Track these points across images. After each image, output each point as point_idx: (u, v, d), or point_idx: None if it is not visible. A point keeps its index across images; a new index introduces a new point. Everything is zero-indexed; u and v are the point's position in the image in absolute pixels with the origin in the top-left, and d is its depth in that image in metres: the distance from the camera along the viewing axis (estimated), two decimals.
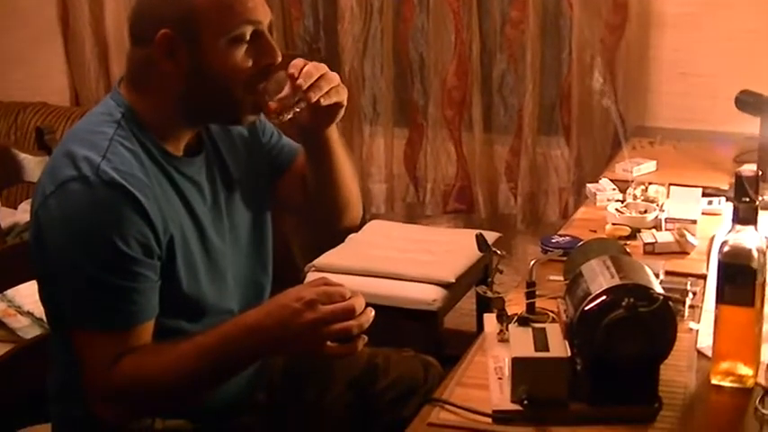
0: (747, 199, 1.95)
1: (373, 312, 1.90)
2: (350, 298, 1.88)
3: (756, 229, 1.95)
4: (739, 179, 1.96)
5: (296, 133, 2.33)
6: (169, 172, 2.09)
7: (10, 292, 3.27)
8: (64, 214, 1.95)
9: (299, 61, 2.12)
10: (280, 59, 2.09)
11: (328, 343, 1.88)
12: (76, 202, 1.94)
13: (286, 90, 2.12)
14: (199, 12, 2.00)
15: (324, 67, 2.14)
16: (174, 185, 2.10)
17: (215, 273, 2.18)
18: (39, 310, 3.32)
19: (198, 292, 2.13)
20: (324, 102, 2.12)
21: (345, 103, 2.21)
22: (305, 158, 2.37)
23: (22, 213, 4.22)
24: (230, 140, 2.30)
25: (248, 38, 2.04)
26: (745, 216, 1.96)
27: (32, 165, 2.75)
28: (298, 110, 2.12)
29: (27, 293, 3.21)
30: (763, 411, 1.87)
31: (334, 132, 2.30)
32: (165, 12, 2.02)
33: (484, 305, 3.59)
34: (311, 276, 3.68)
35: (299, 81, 2.08)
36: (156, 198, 2.01)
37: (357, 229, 4.09)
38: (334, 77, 2.16)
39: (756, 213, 1.96)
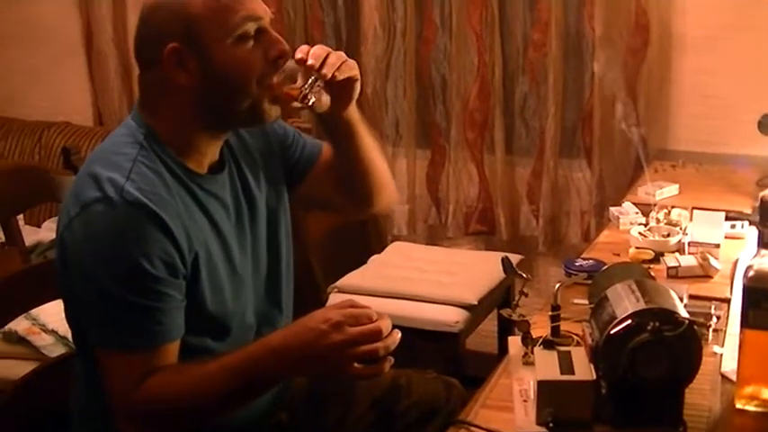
0: None
1: (399, 334, 1.91)
2: (376, 320, 1.89)
3: None
4: (764, 204, 1.96)
5: (319, 123, 2.34)
6: (193, 190, 2.10)
7: (34, 311, 3.27)
8: (89, 235, 1.96)
9: (303, 47, 2.13)
10: (287, 49, 2.10)
11: (355, 364, 1.88)
12: (101, 223, 1.95)
13: (300, 76, 2.12)
14: (199, 19, 2.02)
15: (328, 48, 2.15)
16: (198, 203, 2.11)
17: (239, 289, 2.19)
18: (63, 329, 3.34)
19: (223, 310, 2.13)
20: (338, 76, 2.13)
21: (359, 77, 2.22)
22: (332, 148, 2.39)
23: (46, 232, 4.24)
24: (250, 155, 2.30)
25: (253, 34, 2.05)
26: None
27: (67, 185, 2.76)
28: (317, 89, 2.12)
29: (51, 312, 3.22)
30: None
31: (355, 112, 2.30)
32: (167, 28, 2.03)
33: (505, 327, 3.60)
34: (334, 298, 3.69)
35: (310, 62, 2.09)
36: (181, 216, 2.02)
37: (380, 250, 4.11)
38: (342, 54, 2.17)
39: None
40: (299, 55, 2.11)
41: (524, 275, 2.33)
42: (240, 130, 2.27)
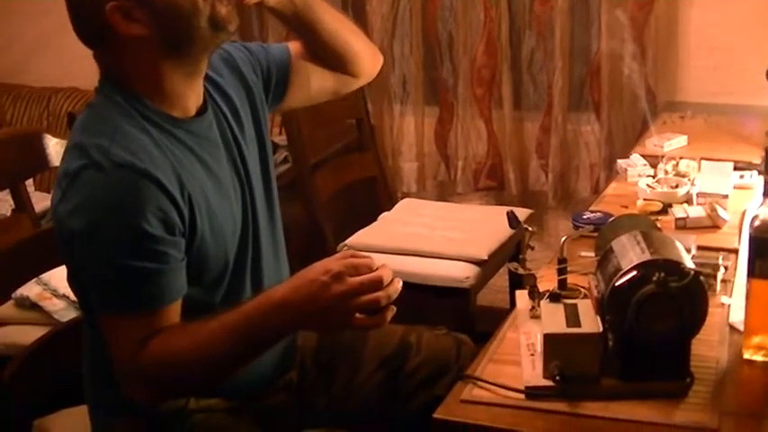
0: None
1: (401, 283, 1.89)
2: (377, 269, 1.88)
3: None
4: None
5: (278, 20, 2.39)
6: (180, 137, 2.09)
7: (45, 276, 3.28)
8: (82, 202, 1.94)
9: None
10: None
11: (357, 315, 1.87)
12: (92, 188, 1.94)
13: None
14: None
15: None
16: (188, 149, 2.09)
17: (236, 229, 2.19)
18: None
19: (227, 255, 2.14)
20: None
21: None
22: (301, 38, 2.43)
23: None
24: (228, 101, 2.28)
25: None
26: None
27: (59, 147, 2.76)
28: None
29: (62, 277, 3.18)
30: None
31: None
32: None
33: (516, 282, 3.60)
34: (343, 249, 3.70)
35: None
36: (173, 167, 2.01)
37: (389, 207, 4.11)
38: None
39: None
40: None
41: (529, 228, 2.33)
42: (210, 73, 2.24)
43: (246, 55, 2.39)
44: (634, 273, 1.86)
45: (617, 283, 1.86)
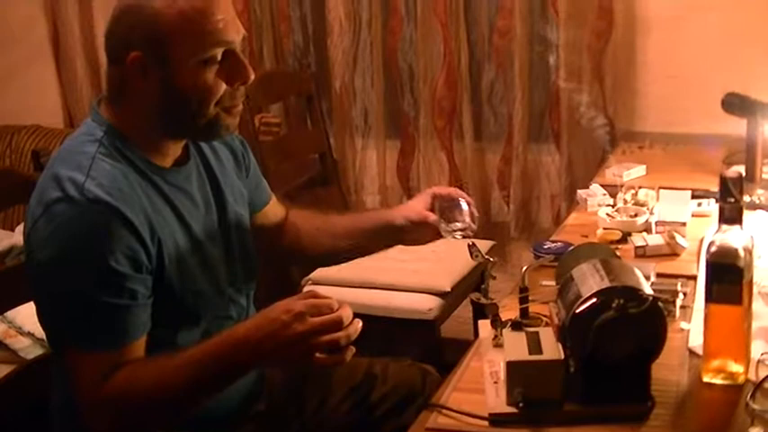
0: (732, 200, 1.98)
1: (360, 323, 1.92)
2: (338, 309, 1.91)
3: (742, 228, 1.99)
4: (724, 181, 1.99)
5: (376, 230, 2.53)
6: (157, 183, 2.12)
7: (10, 314, 3.28)
8: (52, 234, 1.97)
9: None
10: (252, 78, 2.11)
11: (317, 354, 1.89)
12: (63, 222, 1.96)
13: (467, 217, 2.44)
14: (168, 34, 2.01)
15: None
16: (163, 196, 2.12)
17: (210, 278, 2.20)
18: (39, 331, 3.30)
19: (195, 299, 2.15)
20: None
21: None
22: (356, 246, 2.59)
23: (19, 235, 4.20)
24: (216, 153, 2.33)
25: (219, 58, 2.06)
26: (730, 216, 1.99)
27: None
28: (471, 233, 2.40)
29: (27, 314, 3.22)
30: (754, 407, 1.90)
31: None
32: (135, 34, 2.03)
33: (479, 312, 3.62)
34: (308, 290, 3.71)
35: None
36: (144, 210, 2.03)
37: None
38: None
39: (741, 213, 1.99)
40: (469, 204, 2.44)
41: (490, 259, 2.35)
42: None
43: (246, 162, 2.46)
44: (594, 299, 1.88)
45: (577, 310, 1.89)
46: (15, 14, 5.12)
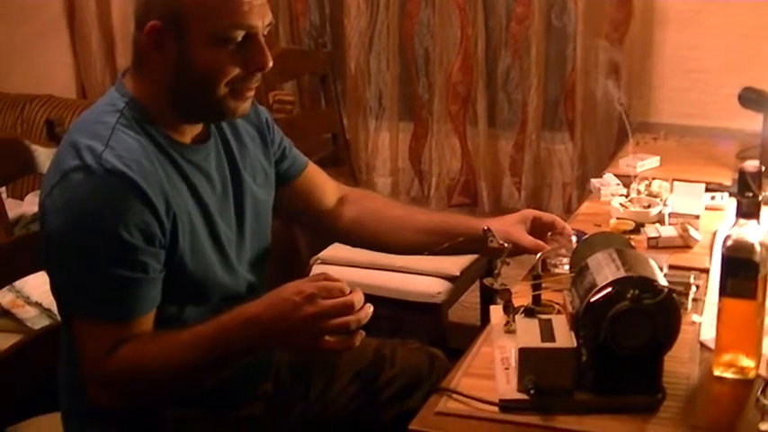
0: (750, 194, 1.97)
1: (372, 308, 1.91)
2: (349, 293, 1.90)
3: (759, 223, 1.98)
4: (743, 174, 1.98)
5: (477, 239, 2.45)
6: (175, 159, 2.11)
7: (18, 283, 3.28)
8: (67, 203, 1.97)
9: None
10: (269, 66, 2.09)
11: (326, 337, 1.89)
12: (79, 190, 1.96)
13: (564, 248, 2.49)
14: (188, 8, 2.00)
15: None
16: (180, 172, 2.11)
17: (224, 258, 2.20)
18: (47, 301, 3.34)
19: (206, 277, 2.15)
20: None
21: None
22: (457, 244, 2.52)
23: (29, 205, 4.23)
24: (237, 133, 2.32)
25: (239, 40, 2.03)
26: (748, 210, 1.98)
27: (44, 157, 2.77)
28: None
29: (35, 284, 3.23)
30: (764, 402, 1.88)
31: None
32: (159, 2, 2.02)
33: (488, 298, 3.62)
34: (316, 269, 3.70)
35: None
36: (160, 183, 2.02)
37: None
38: None
39: (759, 208, 1.98)
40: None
41: (505, 245, 2.34)
42: None
43: (270, 136, 2.44)
44: (609, 289, 1.87)
45: (592, 299, 1.88)
46: None
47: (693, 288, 2.38)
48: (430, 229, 2.59)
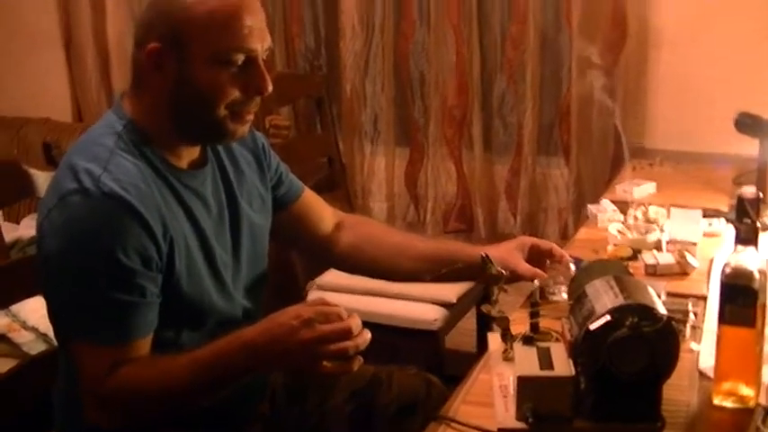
0: (749, 220, 1.97)
1: (369, 334, 1.91)
2: (347, 319, 1.90)
3: (757, 249, 1.97)
4: (741, 201, 1.98)
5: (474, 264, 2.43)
6: (172, 183, 2.11)
7: (15, 307, 3.28)
8: (65, 225, 1.97)
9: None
10: (269, 90, 2.09)
11: (324, 362, 1.89)
12: (77, 213, 1.96)
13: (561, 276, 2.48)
14: (190, 28, 2.01)
15: None
16: (177, 196, 2.11)
17: (219, 283, 2.19)
18: (43, 326, 3.34)
19: (202, 302, 2.14)
20: None
21: None
22: (453, 272, 2.54)
23: (25, 228, 4.23)
24: (234, 159, 2.32)
25: (239, 63, 2.04)
26: (746, 237, 1.97)
27: (42, 180, 2.76)
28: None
29: (32, 308, 3.22)
30: (765, 431, 1.89)
31: None
32: (159, 24, 2.03)
33: (485, 324, 3.61)
34: (313, 294, 3.70)
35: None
36: (158, 207, 2.02)
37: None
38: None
39: (757, 234, 1.98)
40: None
41: (503, 272, 2.34)
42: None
43: (267, 161, 2.44)
44: (608, 317, 1.87)
45: (591, 327, 1.87)
46: (27, 5, 5.13)
47: (692, 315, 2.37)
48: (427, 256, 2.59)
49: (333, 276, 3.76)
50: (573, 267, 2.48)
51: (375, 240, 2.62)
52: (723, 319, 2.00)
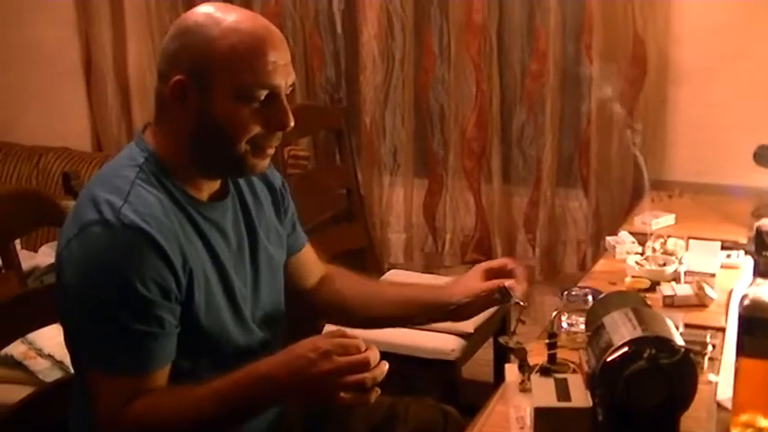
0: (767, 253, 1.96)
1: (387, 366, 1.92)
2: (365, 350, 1.90)
3: None
4: (759, 233, 1.97)
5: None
6: (192, 215, 2.12)
7: (31, 335, 3.27)
8: (84, 256, 1.98)
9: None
10: (291, 125, 2.09)
11: (341, 394, 1.88)
12: (97, 244, 1.97)
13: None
14: (214, 63, 2.01)
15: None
16: (196, 229, 2.12)
17: (238, 315, 2.19)
18: (59, 353, 3.34)
19: (220, 333, 2.14)
20: None
21: None
22: (420, 313, 2.57)
23: (42, 256, 4.24)
24: (254, 191, 2.33)
25: (262, 99, 2.04)
26: (765, 270, 1.97)
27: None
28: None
29: (48, 336, 3.22)
30: None
31: None
32: (183, 57, 2.04)
33: (502, 355, 3.61)
34: (329, 326, 3.69)
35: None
36: (178, 240, 2.03)
37: (377, 278, 4.11)
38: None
39: None
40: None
41: (522, 303, 2.34)
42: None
43: (285, 205, 2.45)
44: (626, 348, 1.87)
45: (608, 359, 1.87)
46: (48, 36, 5.15)
47: (710, 347, 2.37)
48: (398, 301, 2.57)
49: None
50: (590, 299, 2.48)
51: (349, 291, 2.59)
52: (741, 350, 1.99)
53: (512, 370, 2.25)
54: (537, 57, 4.32)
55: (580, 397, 1.91)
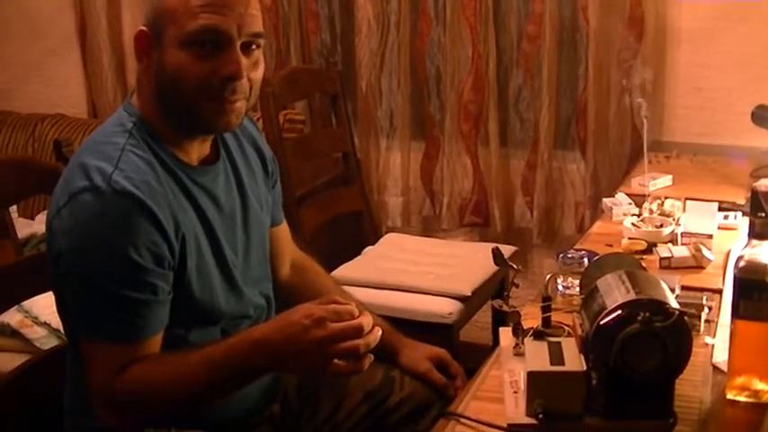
0: (764, 214, 1.95)
1: (380, 332, 1.92)
2: (358, 317, 1.90)
3: None
4: (755, 194, 1.95)
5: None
6: (182, 180, 2.11)
7: (27, 303, 3.28)
8: (76, 224, 1.96)
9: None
10: (241, 76, 2.05)
11: (335, 360, 1.88)
12: (88, 211, 1.95)
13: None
14: (165, 12, 2.02)
15: None
16: (187, 194, 2.11)
17: (229, 280, 2.19)
18: (55, 321, 3.34)
19: (211, 299, 2.14)
20: None
21: None
22: None
23: (39, 224, 4.23)
24: (246, 157, 2.31)
25: (212, 45, 2.02)
26: (761, 231, 1.96)
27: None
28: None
29: (44, 304, 3.22)
30: None
31: None
32: (148, 9, 2.06)
33: (499, 319, 3.59)
34: None
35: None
36: (170, 205, 2.02)
37: (374, 242, 4.10)
38: None
39: None
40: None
41: (515, 266, 2.32)
42: (237, 132, 2.27)
43: (272, 170, 2.44)
44: (619, 312, 1.85)
45: (602, 322, 1.85)
46: (43, 5, 5.14)
47: (706, 309, 2.35)
48: None
49: (348, 270, 3.75)
50: (585, 261, 2.47)
51: (309, 293, 2.51)
52: (737, 313, 1.98)
53: (506, 334, 2.24)
54: (533, 19, 4.30)
55: (574, 361, 1.90)
